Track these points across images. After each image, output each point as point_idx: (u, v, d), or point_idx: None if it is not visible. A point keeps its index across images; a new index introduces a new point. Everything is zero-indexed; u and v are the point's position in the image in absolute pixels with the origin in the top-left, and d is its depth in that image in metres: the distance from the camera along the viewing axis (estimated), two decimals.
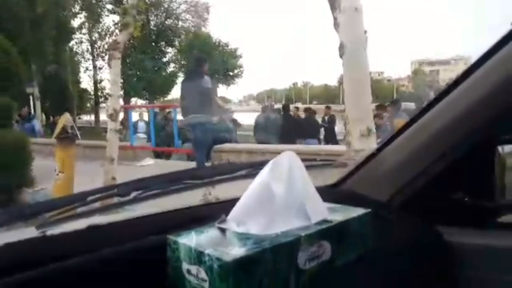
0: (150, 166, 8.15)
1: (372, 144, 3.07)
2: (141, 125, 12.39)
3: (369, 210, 0.78)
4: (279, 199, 0.70)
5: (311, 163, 1.12)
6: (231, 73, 26.75)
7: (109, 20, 25.01)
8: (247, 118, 14.50)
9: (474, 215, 0.95)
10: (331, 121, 11.27)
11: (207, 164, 6.04)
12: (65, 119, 5.74)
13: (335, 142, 10.12)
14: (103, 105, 26.67)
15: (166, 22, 25.62)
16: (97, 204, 0.75)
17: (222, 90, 27.24)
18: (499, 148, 1.02)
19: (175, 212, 0.78)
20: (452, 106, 0.93)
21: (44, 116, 21.53)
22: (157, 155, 10.16)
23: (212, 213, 0.75)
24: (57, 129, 5.71)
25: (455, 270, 0.93)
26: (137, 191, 0.77)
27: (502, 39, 0.86)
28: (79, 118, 26.42)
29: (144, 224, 0.75)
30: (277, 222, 0.69)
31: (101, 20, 25.09)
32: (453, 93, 0.93)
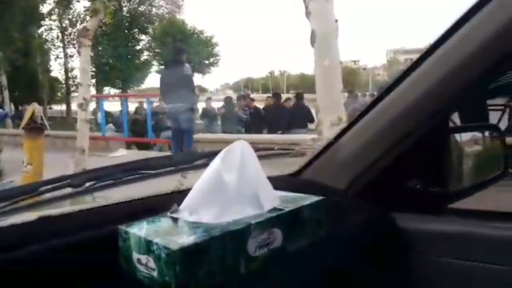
0: (122, 157, 8.04)
1: None
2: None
3: (321, 197, 0.80)
4: (231, 188, 0.71)
5: (271, 152, 1.13)
6: (206, 62, 26.49)
7: (80, 6, 24.24)
8: None
9: (428, 201, 0.98)
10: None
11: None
12: (33, 108, 5.58)
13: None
14: (74, 94, 26.03)
15: (140, 9, 25.07)
16: (49, 195, 0.74)
17: (197, 79, 27.00)
18: (452, 135, 1.06)
19: (129, 203, 0.78)
20: (406, 93, 0.94)
21: (13, 106, 20.85)
22: (130, 146, 10.03)
23: (166, 204, 0.75)
24: (25, 119, 5.56)
25: (408, 255, 0.96)
26: (91, 182, 0.77)
27: (456, 23, 0.86)
28: (50, 108, 25.71)
29: (96, 215, 0.74)
30: (229, 211, 0.70)
31: (71, 6, 24.32)
32: (406, 81, 0.94)
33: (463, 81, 0.88)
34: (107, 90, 24.56)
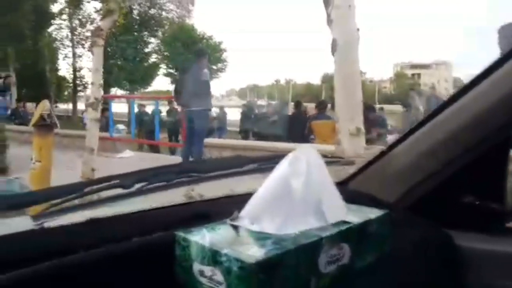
0: (130, 158, 8.00)
1: (361, 143, 3.06)
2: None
3: (388, 211, 0.75)
4: (297, 195, 0.65)
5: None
6: (214, 67, 26.54)
7: (90, 6, 24.30)
8: (229, 114, 14.45)
9: (484, 219, 0.93)
10: None
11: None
12: (44, 106, 5.55)
13: None
14: (81, 94, 26.09)
15: (150, 12, 25.18)
16: (97, 196, 0.69)
17: None
18: None
19: (182, 206, 0.73)
20: (466, 108, 0.90)
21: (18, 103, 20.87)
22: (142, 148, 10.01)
23: (220, 208, 0.70)
24: (35, 117, 5.52)
25: (464, 274, 0.90)
26: (141, 183, 0.71)
27: None
28: (56, 107, 25.73)
29: (148, 218, 0.69)
30: (293, 221, 0.65)
31: (82, 6, 24.45)
32: (467, 95, 0.90)
33: None
34: (114, 91, 24.61)
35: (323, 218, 0.68)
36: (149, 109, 12.15)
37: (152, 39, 25.91)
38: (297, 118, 8.94)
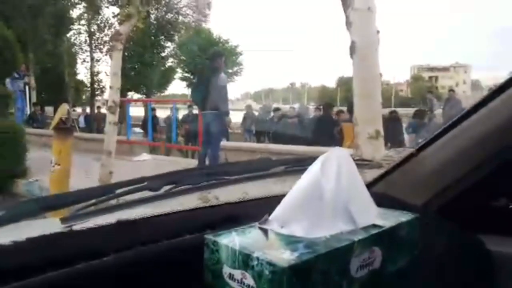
0: (146, 161, 8.06)
1: (380, 147, 3.03)
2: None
3: (418, 215, 0.73)
4: (327, 198, 0.64)
5: None
6: (230, 71, 26.64)
7: (109, 12, 24.63)
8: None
9: None
10: None
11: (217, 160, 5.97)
12: (63, 110, 5.63)
13: None
14: (98, 98, 26.41)
15: (167, 16, 25.42)
16: (125, 198, 0.69)
17: None
18: None
19: (209, 209, 0.72)
20: (497, 111, 0.88)
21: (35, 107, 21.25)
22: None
23: (249, 211, 0.69)
24: (55, 120, 5.61)
25: (496, 280, 0.88)
26: (169, 186, 0.71)
27: None
28: (74, 110, 26.12)
29: (177, 221, 0.69)
30: (323, 224, 0.63)
31: (100, 11, 24.82)
32: (498, 99, 0.87)
33: None
34: (130, 95, 24.89)
35: (352, 221, 0.67)
36: (164, 113, 12.20)
37: (169, 43, 26.16)
38: (325, 120, 8.79)
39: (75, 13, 24.50)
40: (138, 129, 12.32)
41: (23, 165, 6.97)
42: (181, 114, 11.53)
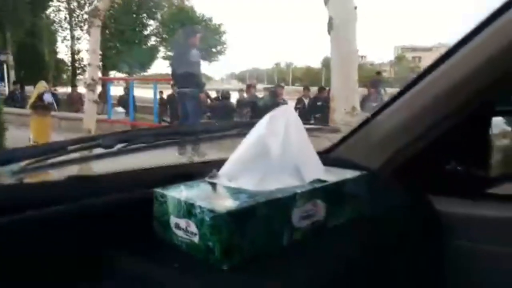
0: None
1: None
2: None
3: (365, 172, 0.76)
4: (274, 154, 0.66)
5: (306, 127, 1.08)
6: (213, 50, 26.33)
7: None
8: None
9: (465, 185, 0.94)
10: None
11: None
12: (41, 87, 5.55)
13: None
14: (80, 77, 25.91)
15: None
16: (78, 154, 0.70)
17: (204, 66, 26.86)
18: (494, 119, 1.01)
19: (162, 168, 0.74)
20: (447, 74, 0.91)
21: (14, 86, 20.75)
22: None
23: (203, 170, 0.71)
24: (32, 98, 5.53)
25: (445, 238, 0.92)
26: (122, 144, 0.72)
27: (499, 8, 0.83)
28: (55, 90, 25.63)
29: (129, 178, 0.70)
30: (271, 179, 0.66)
31: None
32: (449, 62, 0.90)
33: (510, 62, 0.84)
34: (112, 74, 24.47)
35: (300, 176, 0.69)
36: (147, 92, 12.08)
37: (151, 22, 25.67)
38: (318, 101, 9.23)
39: None
40: (120, 109, 12.16)
41: (2, 144, 6.86)
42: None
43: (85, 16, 23.17)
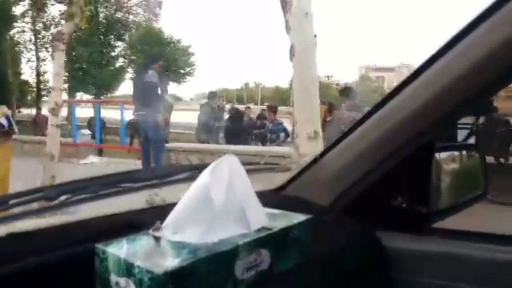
0: (93, 164, 7.83)
1: (319, 146, 3.12)
2: None
3: (310, 216, 0.77)
4: (218, 204, 0.67)
5: (255, 166, 1.10)
6: (182, 71, 26.29)
7: (55, 9, 23.63)
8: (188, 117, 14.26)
9: (411, 220, 0.98)
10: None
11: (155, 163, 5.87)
12: (1, 112, 5.38)
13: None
14: (45, 98, 25.28)
15: (116, 15, 24.74)
16: (20, 209, 0.68)
17: (173, 88, 26.74)
18: (436, 155, 1.06)
19: (107, 218, 0.73)
20: (392, 113, 0.95)
21: None
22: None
23: (148, 219, 0.70)
24: None
25: (391, 274, 0.95)
26: (66, 195, 0.71)
27: (441, 48, 0.87)
28: (19, 112, 24.85)
29: (72, 231, 0.69)
30: (216, 229, 0.66)
31: (46, 9, 23.75)
32: (392, 101, 0.94)
33: (450, 102, 0.88)
34: (79, 96, 24.04)
35: (246, 225, 0.70)
36: (115, 114, 11.94)
37: (119, 43, 25.48)
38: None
39: (18, 10, 23.30)
40: (86, 131, 11.92)
41: None
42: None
43: (51, 37, 22.81)
